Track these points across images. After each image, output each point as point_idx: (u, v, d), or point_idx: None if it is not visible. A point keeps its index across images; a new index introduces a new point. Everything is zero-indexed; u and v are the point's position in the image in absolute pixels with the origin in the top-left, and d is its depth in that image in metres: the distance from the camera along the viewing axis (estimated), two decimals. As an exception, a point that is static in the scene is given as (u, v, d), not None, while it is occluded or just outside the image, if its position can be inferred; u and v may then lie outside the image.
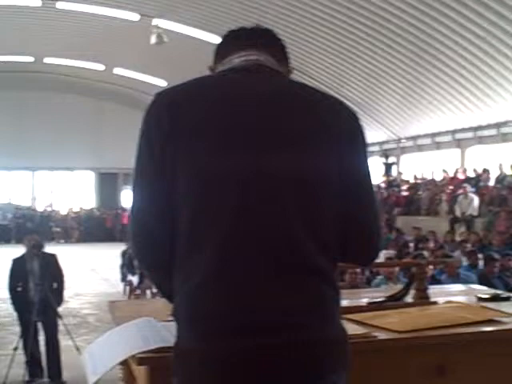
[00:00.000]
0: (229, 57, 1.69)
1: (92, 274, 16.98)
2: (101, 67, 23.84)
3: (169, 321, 1.72)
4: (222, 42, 1.76)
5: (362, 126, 1.66)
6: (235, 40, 1.72)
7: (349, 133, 1.61)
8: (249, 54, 1.66)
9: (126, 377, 2.05)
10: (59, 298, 6.92)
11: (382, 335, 1.96)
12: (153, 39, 16.41)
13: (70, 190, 30.99)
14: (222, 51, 1.74)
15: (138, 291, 11.58)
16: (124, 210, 29.54)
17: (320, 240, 1.53)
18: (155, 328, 1.67)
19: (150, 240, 1.55)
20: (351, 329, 1.81)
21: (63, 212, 29.12)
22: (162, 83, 24.42)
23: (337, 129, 1.60)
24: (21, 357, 6.67)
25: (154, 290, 10.42)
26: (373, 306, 2.28)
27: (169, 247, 1.54)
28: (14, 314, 10.30)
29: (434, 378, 1.96)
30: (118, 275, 13.77)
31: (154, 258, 1.58)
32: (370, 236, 1.65)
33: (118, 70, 24.06)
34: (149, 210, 1.54)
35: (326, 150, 1.56)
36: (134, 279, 11.66)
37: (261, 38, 1.72)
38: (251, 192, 1.49)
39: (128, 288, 12.40)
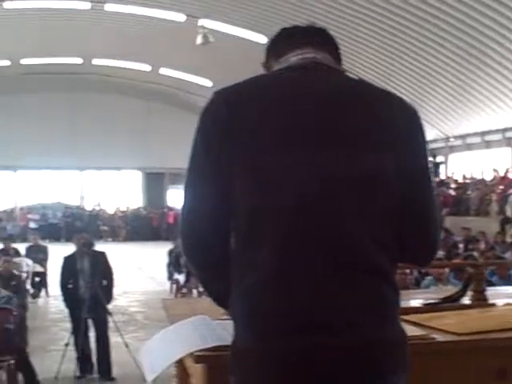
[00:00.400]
0: (285, 55, 1.66)
1: (139, 272, 17.21)
2: (147, 68, 24.14)
3: (224, 319, 1.71)
4: (275, 41, 1.75)
5: (421, 123, 1.64)
6: (290, 38, 1.70)
7: (408, 129, 1.59)
8: (305, 51, 1.64)
9: (179, 374, 2.05)
10: (109, 296, 7.03)
11: (440, 337, 1.91)
12: (199, 39, 16.50)
13: (118, 190, 31.49)
14: (276, 49, 1.72)
15: (185, 290, 11.68)
16: (170, 209, 29.89)
17: (378, 239, 1.50)
18: (211, 326, 1.67)
19: (199, 241, 1.55)
20: (408, 330, 1.77)
21: (111, 211, 29.63)
22: (208, 83, 24.58)
23: (396, 126, 1.57)
24: (72, 353, 6.80)
25: (201, 289, 10.50)
26: (429, 307, 2.24)
27: (219, 248, 1.54)
28: (65, 311, 10.53)
29: (494, 381, 1.90)
30: (164, 274, 13.92)
31: (203, 258, 1.57)
32: (429, 234, 1.62)
33: (164, 71, 24.31)
34: (201, 210, 1.53)
35: (385, 147, 1.54)
36: (181, 278, 11.76)
37: (316, 37, 1.70)
38: (309, 192, 1.47)
39: (175, 286, 12.52)
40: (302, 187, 1.47)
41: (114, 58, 23.40)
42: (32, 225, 27.12)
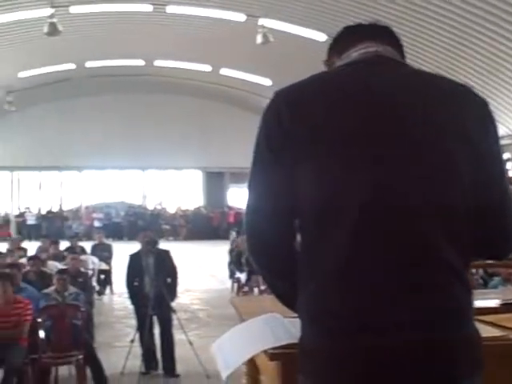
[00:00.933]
0: (347, 51, 1.64)
1: (200, 270, 17.41)
2: (208, 68, 24.36)
3: (294, 317, 1.70)
4: (337, 38, 1.72)
5: (493, 114, 1.58)
6: (352, 35, 1.67)
7: (481, 121, 1.54)
8: (367, 45, 1.61)
9: (250, 371, 2.05)
10: (173, 293, 7.11)
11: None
12: (258, 39, 16.54)
13: (179, 189, 31.94)
14: (338, 47, 1.69)
15: (246, 288, 11.72)
16: (230, 208, 30.12)
17: (451, 236, 1.45)
18: (283, 324, 1.66)
19: (263, 241, 1.53)
20: (486, 330, 1.71)
21: (172, 210, 30.08)
22: (268, 82, 24.60)
23: (469, 118, 1.52)
24: (137, 349, 6.91)
25: (262, 288, 10.51)
26: (507, 308, 2.16)
27: (284, 248, 1.52)
28: (129, 308, 10.75)
29: None
30: (225, 272, 14.03)
31: (267, 259, 1.55)
32: (508, 225, 1.57)
33: (224, 71, 24.49)
34: (265, 210, 1.52)
35: (458, 140, 1.49)
36: (242, 276, 11.82)
37: (378, 32, 1.66)
38: (378, 190, 1.43)
39: (236, 285, 12.60)
40: (370, 185, 1.44)
41: (175, 59, 23.72)
42: (96, 224, 27.83)
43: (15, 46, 19.51)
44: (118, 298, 12.61)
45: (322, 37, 17.72)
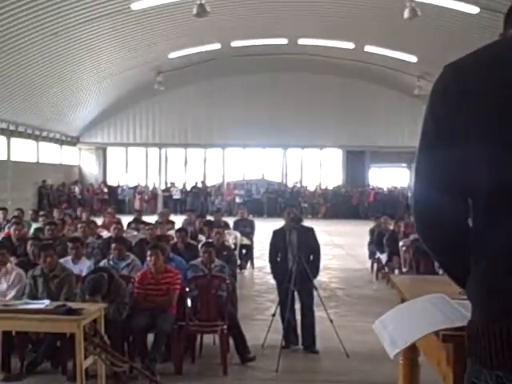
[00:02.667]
0: None
1: (338, 249, 17.36)
2: (351, 45, 24.01)
3: (462, 299, 1.62)
4: None
5: None
6: None
7: None
8: None
9: (407, 352, 1.99)
10: (315, 270, 7.11)
11: None
12: (406, 13, 15.98)
13: (319, 168, 31.96)
14: None
15: (386, 269, 11.51)
16: (371, 187, 29.71)
17: None
18: (451, 305, 1.58)
19: (433, 223, 1.49)
20: None
21: (311, 188, 30.19)
22: (413, 59, 23.82)
23: None
24: (277, 323, 7.02)
25: (404, 270, 10.28)
26: None
27: (455, 230, 1.48)
28: (269, 283, 10.98)
29: None
30: (364, 252, 13.87)
31: (438, 241, 1.52)
32: None
33: (368, 48, 24.00)
34: (433, 190, 1.47)
35: None
36: (383, 257, 11.61)
37: None
38: None
39: (375, 265, 12.42)
40: None
41: (318, 37, 23.60)
42: (237, 200, 28.60)
43: (166, 28, 20.35)
44: (258, 272, 12.90)
45: (474, 9, 16.79)
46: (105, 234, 10.41)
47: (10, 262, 6.70)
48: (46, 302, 5.70)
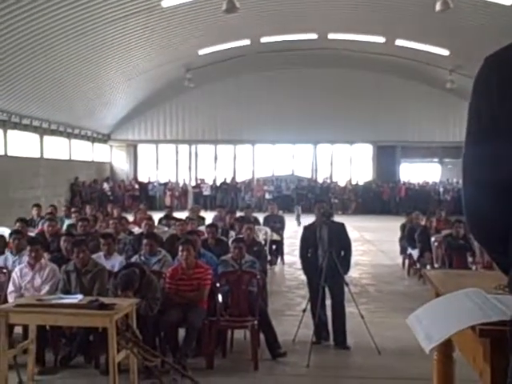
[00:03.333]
0: None
1: (369, 245, 17.24)
2: (381, 40, 23.78)
3: (498, 293, 1.58)
4: None
5: None
6: None
7: None
8: None
9: (442, 347, 1.96)
10: (346, 266, 7.06)
11: None
12: (438, 6, 15.77)
13: (349, 163, 31.78)
14: None
15: (418, 265, 11.39)
16: (402, 183, 29.43)
17: None
18: (488, 299, 1.55)
19: (481, 217, 1.48)
20: None
21: (341, 184, 30.03)
22: (445, 52, 23.51)
23: None
24: (308, 319, 6.99)
25: (436, 266, 10.16)
26: None
27: (502, 223, 1.44)
28: (300, 278, 10.96)
29: None
30: (394, 248, 13.76)
31: (487, 235, 1.50)
32: None
33: (399, 42, 23.74)
34: (481, 182, 1.44)
35: None
36: (414, 253, 11.48)
37: None
38: None
39: (407, 261, 12.30)
40: None
41: (348, 31, 23.43)
42: (267, 196, 28.59)
43: (196, 25, 20.41)
44: (288, 268, 12.88)
45: (507, 0, 16.48)
46: (136, 230, 10.51)
47: (43, 258, 6.80)
48: (79, 296, 5.78)
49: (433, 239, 10.70)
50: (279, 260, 13.17)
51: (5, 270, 6.86)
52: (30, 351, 5.81)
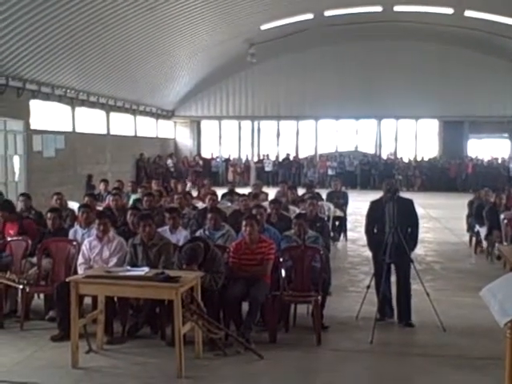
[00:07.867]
0: None
1: (434, 222, 16.91)
2: (449, 11, 22.99)
3: None
4: None
5: None
6: None
7: None
8: None
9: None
10: (413, 243, 6.92)
11: None
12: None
13: (414, 139, 31.09)
14: None
15: (485, 243, 11.10)
16: (469, 159, 28.59)
17: None
18: None
19: None
20: None
21: (406, 160, 29.45)
22: (515, 22, 22.54)
23: None
24: (372, 295, 6.92)
25: (505, 243, 9.87)
26: None
27: None
28: (363, 255, 10.87)
29: None
30: (461, 225, 13.43)
31: None
32: None
33: (468, 13, 22.88)
34: None
35: None
36: (482, 230, 11.17)
37: None
38: None
39: (474, 239, 12.01)
40: None
41: (415, 3, 22.75)
42: (330, 172, 28.38)
43: (258, 0, 20.26)
44: (351, 244, 12.78)
45: None
46: (200, 205, 10.62)
47: (111, 231, 6.97)
48: (146, 269, 5.90)
49: (502, 216, 10.38)
50: (342, 236, 13.07)
51: (75, 243, 7.07)
52: (99, 321, 5.99)
